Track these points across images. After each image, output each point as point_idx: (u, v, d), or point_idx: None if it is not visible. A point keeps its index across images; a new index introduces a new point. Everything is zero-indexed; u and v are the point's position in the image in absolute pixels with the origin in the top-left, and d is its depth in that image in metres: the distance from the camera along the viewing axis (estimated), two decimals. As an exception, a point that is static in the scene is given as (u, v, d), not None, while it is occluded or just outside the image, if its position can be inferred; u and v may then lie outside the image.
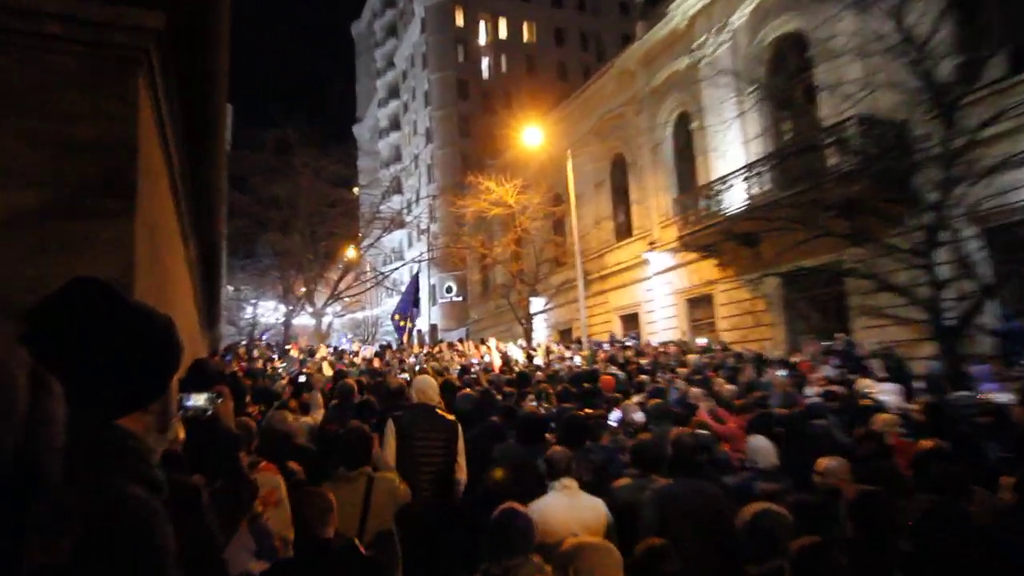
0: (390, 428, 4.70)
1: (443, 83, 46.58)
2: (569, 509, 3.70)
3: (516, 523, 2.79)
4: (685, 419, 5.85)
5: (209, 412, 2.32)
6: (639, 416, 6.07)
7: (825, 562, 2.54)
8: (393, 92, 57.52)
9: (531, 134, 21.36)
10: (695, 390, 7.42)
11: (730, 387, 8.10)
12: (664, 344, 15.81)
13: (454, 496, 4.67)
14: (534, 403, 7.12)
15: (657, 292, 20.52)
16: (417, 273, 19.96)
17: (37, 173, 2.42)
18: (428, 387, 5.02)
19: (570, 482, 3.80)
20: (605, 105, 23.27)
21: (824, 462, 3.98)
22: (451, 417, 4.92)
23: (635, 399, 7.03)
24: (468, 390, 6.52)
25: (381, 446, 4.58)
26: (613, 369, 11.07)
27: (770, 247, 14.26)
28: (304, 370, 10.69)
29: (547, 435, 5.11)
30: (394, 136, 56.57)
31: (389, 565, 3.76)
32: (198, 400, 2.21)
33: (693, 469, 3.81)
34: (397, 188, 30.69)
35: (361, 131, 64.80)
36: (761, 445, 4.65)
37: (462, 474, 4.74)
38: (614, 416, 6.43)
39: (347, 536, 3.33)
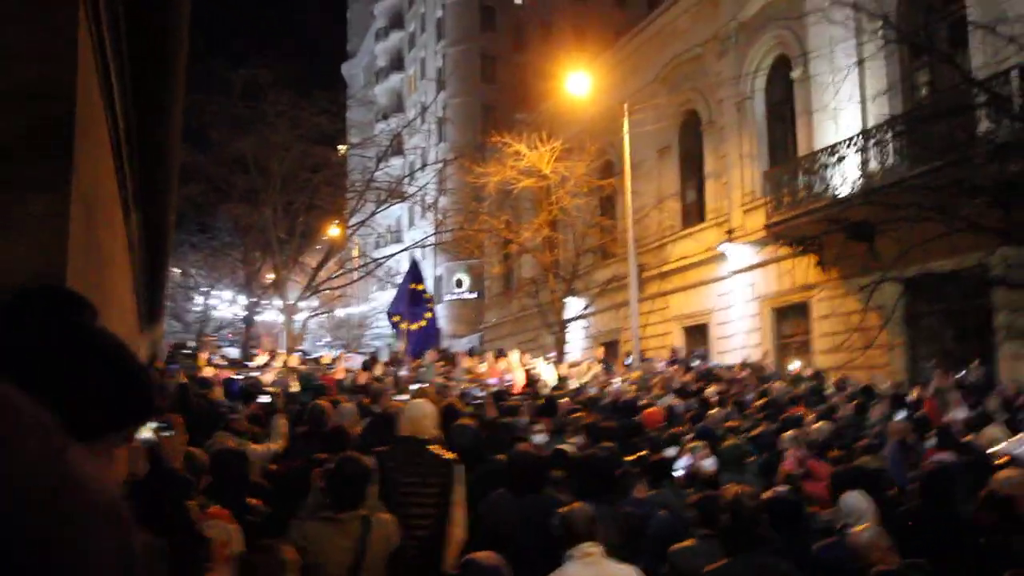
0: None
1: (462, 8, 46.73)
2: None
3: None
4: (770, 468, 5.88)
5: (152, 447, 2.38)
6: (710, 463, 6.10)
7: None
8: (396, 20, 57.83)
9: (576, 81, 21.31)
10: (789, 433, 7.45)
11: (819, 426, 8.15)
12: (734, 367, 15.77)
13: (446, 559, 4.66)
14: (539, 438, 7.15)
15: (735, 297, 20.42)
16: (415, 258, 20.03)
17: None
18: (422, 416, 4.99)
19: (594, 548, 3.79)
20: (677, 44, 23.14)
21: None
22: (449, 455, 4.94)
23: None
24: (466, 420, 6.53)
25: None
26: (669, 398, 11.06)
27: (891, 243, 14.06)
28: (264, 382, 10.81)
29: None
30: (395, 79, 56.86)
31: None
32: (141, 431, 2.26)
33: (753, 541, 3.79)
34: (397, 148, 30.81)
35: (352, 71, 65.28)
36: (856, 504, 4.68)
37: (459, 530, 4.74)
38: (681, 463, 6.48)
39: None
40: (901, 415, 8.52)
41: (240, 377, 11.47)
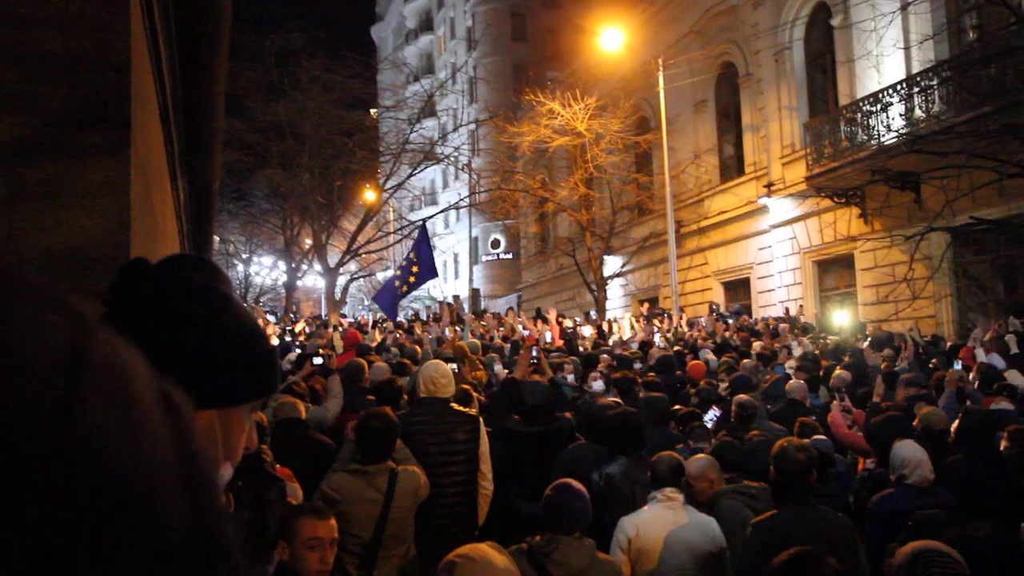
0: None
1: (490, -32, 46.02)
2: (673, 528, 3.86)
3: (574, 505, 3.33)
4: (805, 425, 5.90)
5: None
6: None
7: None
8: (424, -20, 57.21)
9: (609, 37, 21.02)
10: (796, 382, 7.55)
11: (839, 372, 8.27)
12: (769, 320, 15.73)
13: (479, 513, 4.82)
14: (597, 385, 7.25)
15: (776, 251, 20.18)
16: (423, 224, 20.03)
17: (3, 100, 2.51)
18: (439, 375, 5.04)
19: (676, 494, 3.99)
20: (711, -4, 22.62)
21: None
22: (472, 411, 5.13)
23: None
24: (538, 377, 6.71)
25: None
26: (705, 353, 11.07)
27: (937, 192, 13.77)
28: (317, 345, 10.99)
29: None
30: (425, 40, 56.44)
31: None
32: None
33: (804, 495, 3.81)
34: (430, 111, 30.71)
35: (382, 33, 64.89)
36: (912, 453, 4.64)
37: (487, 483, 4.88)
38: (709, 415, 6.64)
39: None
40: (958, 365, 8.37)
41: (289, 340, 11.78)
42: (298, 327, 16.62)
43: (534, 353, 7.39)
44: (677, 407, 6.81)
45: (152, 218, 3.60)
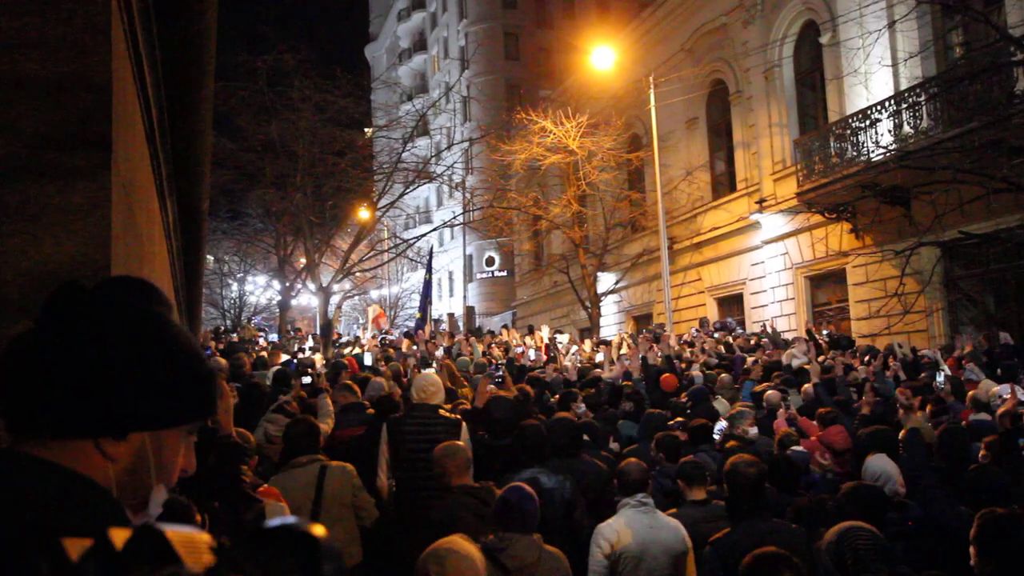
0: (383, 436, 5.43)
1: (483, -12, 46.36)
2: (649, 531, 4.07)
3: (525, 506, 3.56)
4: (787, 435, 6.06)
5: None
6: (755, 430, 6.27)
7: None
8: (417, 1, 57.61)
9: (600, 55, 21.13)
10: (771, 393, 7.83)
11: (808, 386, 8.31)
12: (752, 336, 15.82)
13: None
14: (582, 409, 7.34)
15: (768, 267, 20.25)
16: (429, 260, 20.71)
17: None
18: (429, 384, 5.69)
19: (647, 499, 4.21)
20: (701, 14, 22.81)
21: None
22: (455, 416, 5.61)
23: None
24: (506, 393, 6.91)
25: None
26: (694, 369, 11.16)
27: (926, 207, 13.84)
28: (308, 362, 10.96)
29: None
30: (418, 60, 56.75)
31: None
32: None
33: (758, 509, 3.90)
34: (423, 129, 30.81)
35: (375, 53, 65.22)
36: (881, 468, 4.77)
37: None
38: (719, 427, 6.80)
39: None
40: (940, 378, 8.53)
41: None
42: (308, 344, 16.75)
43: (500, 373, 7.54)
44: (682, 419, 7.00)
45: (137, 239, 3.60)
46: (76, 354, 0.97)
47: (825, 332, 15.71)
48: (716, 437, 6.50)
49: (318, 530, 0.84)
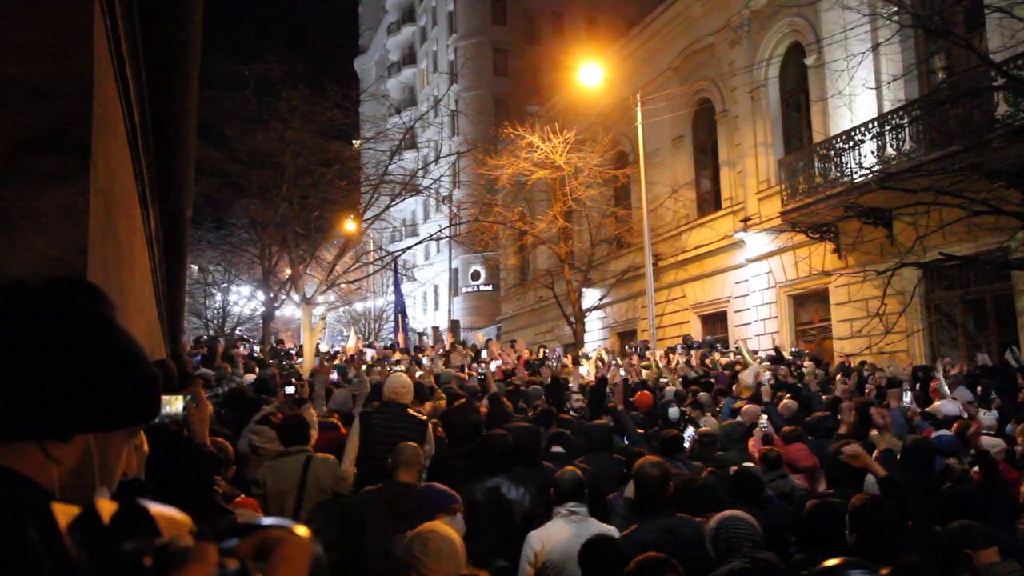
0: (355, 427, 5.73)
1: (473, 2, 46.62)
2: (575, 539, 4.01)
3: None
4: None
5: (182, 421, 2.39)
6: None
7: None
8: (407, 15, 57.81)
9: (588, 72, 21.24)
10: (750, 407, 8.05)
11: (786, 403, 8.61)
12: (728, 354, 15.95)
13: None
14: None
15: (752, 285, 20.34)
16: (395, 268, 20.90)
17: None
18: (399, 385, 6.02)
19: (579, 507, 4.25)
20: (689, 33, 23.01)
21: None
22: (423, 416, 5.96)
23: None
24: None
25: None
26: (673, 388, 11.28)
27: (908, 228, 13.96)
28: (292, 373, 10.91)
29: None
30: (407, 73, 56.87)
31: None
32: (172, 405, 2.27)
33: (661, 506, 4.15)
34: (411, 142, 30.82)
35: (365, 65, 65.31)
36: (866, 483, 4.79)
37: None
38: (688, 433, 7.13)
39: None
40: (907, 397, 8.89)
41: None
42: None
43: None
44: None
45: (116, 245, 3.57)
46: (20, 355, 0.97)
47: (793, 350, 15.93)
48: (686, 446, 6.69)
49: (301, 530, 0.88)
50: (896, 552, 3.35)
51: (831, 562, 2.42)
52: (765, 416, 7.70)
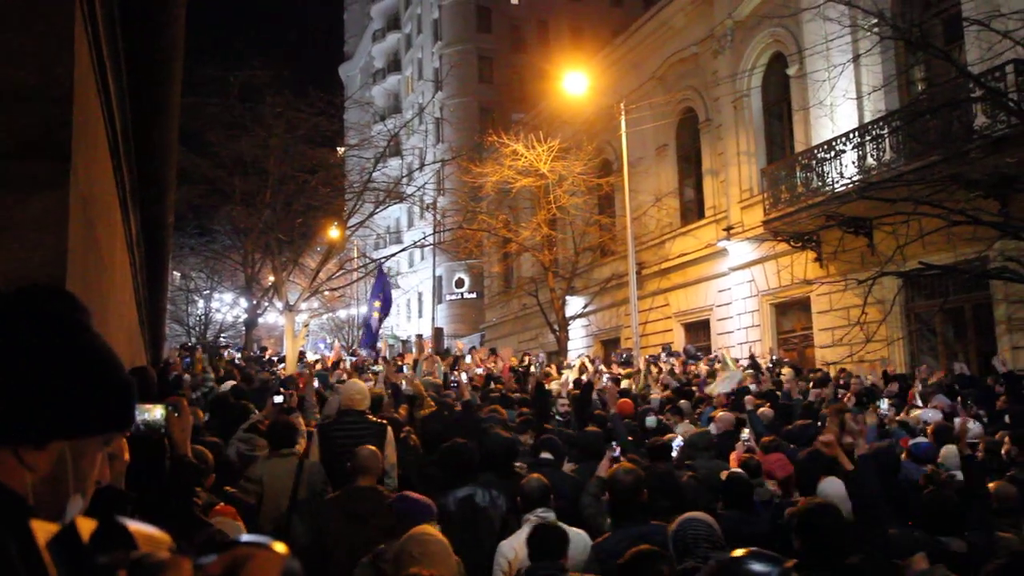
0: (315, 440, 5.83)
1: (458, 10, 46.72)
2: None
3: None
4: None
5: (163, 430, 2.37)
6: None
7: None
8: (392, 22, 57.87)
9: (573, 81, 21.33)
10: (724, 415, 8.10)
11: (763, 410, 8.60)
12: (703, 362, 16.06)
13: None
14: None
15: (735, 293, 20.44)
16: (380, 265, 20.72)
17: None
18: (355, 392, 6.11)
19: (547, 513, 4.29)
20: (673, 43, 23.15)
21: None
22: (381, 421, 6.02)
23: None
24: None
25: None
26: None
27: (889, 238, 14.07)
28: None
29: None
30: (392, 80, 56.90)
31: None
32: (151, 413, 2.26)
33: (635, 512, 4.19)
34: (395, 149, 30.82)
35: (350, 72, 65.26)
36: (833, 491, 4.85)
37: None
38: (676, 442, 7.05)
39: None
40: (883, 404, 8.96)
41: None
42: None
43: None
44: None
45: (96, 251, 3.54)
46: None
47: (773, 358, 16.06)
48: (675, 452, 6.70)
49: (279, 547, 0.88)
50: (842, 558, 3.40)
51: (736, 552, 2.43)
52: (747, 430, 7.70)
